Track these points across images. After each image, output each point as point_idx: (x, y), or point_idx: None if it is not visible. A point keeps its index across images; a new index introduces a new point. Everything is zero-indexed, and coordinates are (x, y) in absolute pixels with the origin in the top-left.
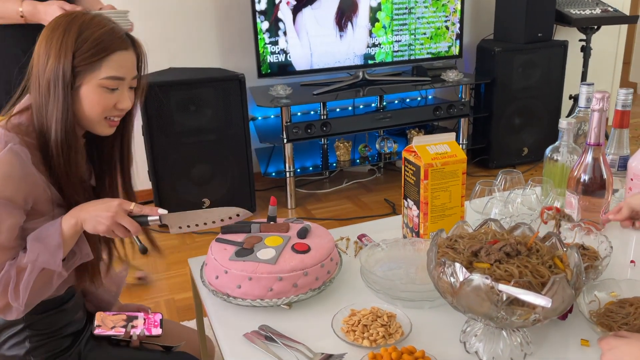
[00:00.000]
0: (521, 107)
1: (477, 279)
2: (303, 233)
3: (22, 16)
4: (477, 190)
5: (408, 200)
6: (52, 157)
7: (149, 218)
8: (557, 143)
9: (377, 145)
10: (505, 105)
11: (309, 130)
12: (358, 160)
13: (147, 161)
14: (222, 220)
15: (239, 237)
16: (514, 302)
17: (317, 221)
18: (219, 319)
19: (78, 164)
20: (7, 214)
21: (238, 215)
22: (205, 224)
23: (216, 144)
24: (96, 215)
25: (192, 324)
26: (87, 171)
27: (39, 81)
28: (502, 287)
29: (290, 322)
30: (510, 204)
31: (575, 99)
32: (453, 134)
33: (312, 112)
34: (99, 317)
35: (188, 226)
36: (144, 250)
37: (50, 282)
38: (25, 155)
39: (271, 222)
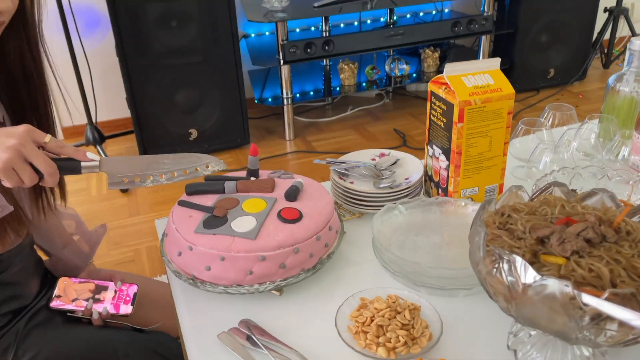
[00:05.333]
0: (550, 22)
1: (553, 284)
2: (293, 194)
3: None
4: (519, 130)
5: (434, 147)
6: None
7: (83, 164)
8: (624, 70)
9: (386, 67)
10: (532, 21)
11: (308, 50)
12: (365, 85)
13: (124, 87)
14: (184, 172)
15: (209, 200)
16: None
17: (318, 154)
18: (188, 309)
19: None
20: None
21: (208, 166)
22: (161, 176)
23: (202, 65)
24: None
25: None
26: None
27: None
28: (588, 298)
29: (282, 314)
30: (564, 149)
31: (610, 12)
32: (498, 60)
33: (312, 29)
34: (61, 283)
35: (136, 180)
36: (124, 189)
37: None
38: None
39: (252, 178)
